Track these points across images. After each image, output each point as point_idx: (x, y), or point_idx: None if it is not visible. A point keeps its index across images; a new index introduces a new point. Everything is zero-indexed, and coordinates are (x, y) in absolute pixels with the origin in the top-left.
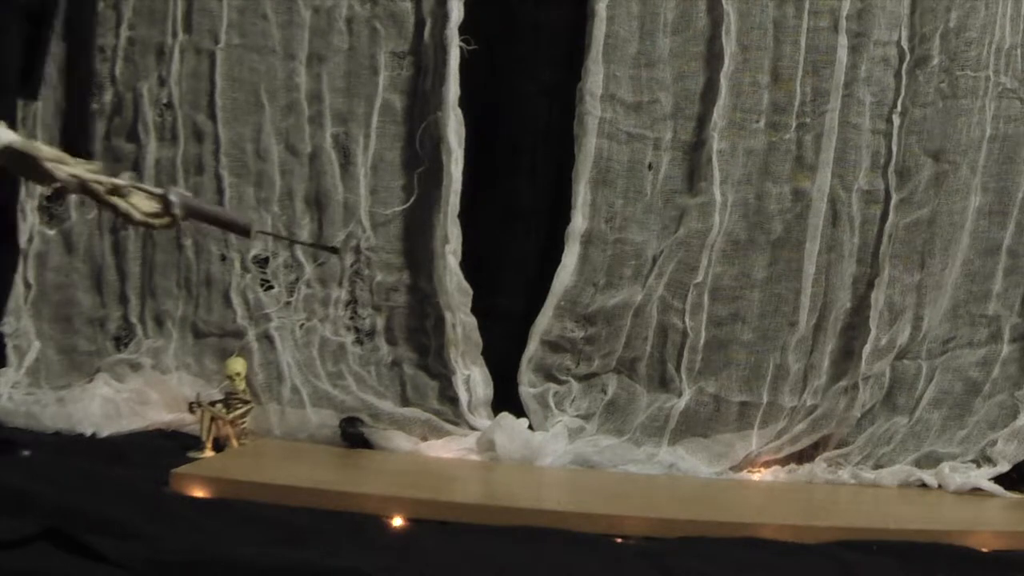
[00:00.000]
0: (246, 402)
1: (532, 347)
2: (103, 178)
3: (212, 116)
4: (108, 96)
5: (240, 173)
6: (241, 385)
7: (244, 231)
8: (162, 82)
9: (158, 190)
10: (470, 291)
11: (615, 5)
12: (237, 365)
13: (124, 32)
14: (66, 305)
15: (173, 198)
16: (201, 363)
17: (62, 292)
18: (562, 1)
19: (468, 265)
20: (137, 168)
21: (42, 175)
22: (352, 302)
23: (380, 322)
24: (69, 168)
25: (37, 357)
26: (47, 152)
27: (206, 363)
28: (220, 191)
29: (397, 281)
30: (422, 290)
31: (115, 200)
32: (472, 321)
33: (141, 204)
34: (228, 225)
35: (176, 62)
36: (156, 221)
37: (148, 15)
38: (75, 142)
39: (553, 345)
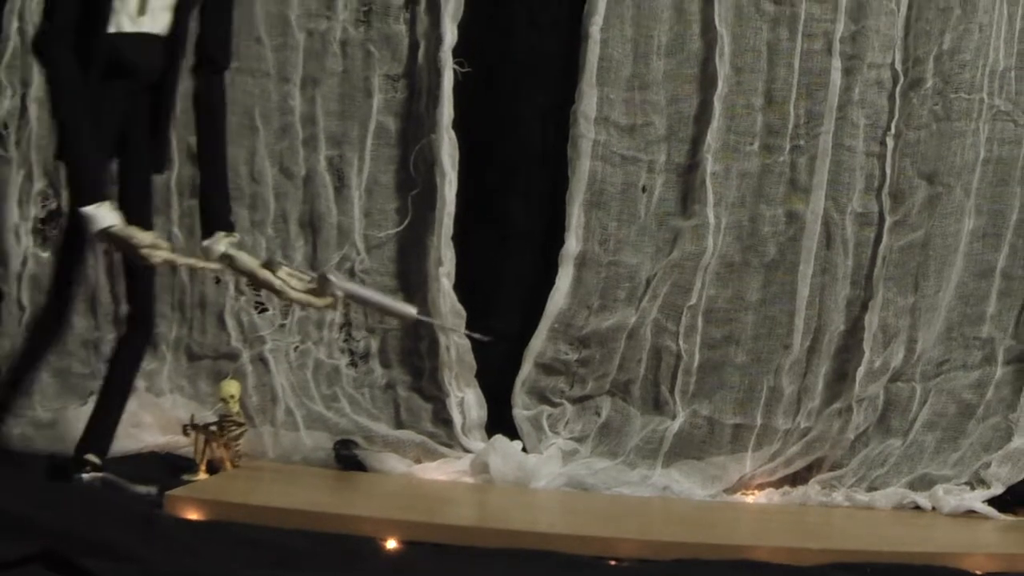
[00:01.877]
0: (240, 424)
1: (526, 369)
2: (188, 260)
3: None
4: None
5: (234, 196)
6: (235, 407)
7: (404, 317)
8: None
9: (311, 273)
10: (464, 313)
11: (609, 28)
12: (231, 388)
13: None
14: (59, 328)
15: (332, 278)
16: (195, 385)
17: (55, 313)
18: (556, 24)
19: (462, 287)
20: None
21: (140, 258)
22: (346, 325)
23: (374, 344)
24: (163, 254)
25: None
26: (142, 238)
27: (200, 385)
28: None
29: None
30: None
31: (267, 275)
32: (466, 343)
33: (292, 281)
34: (387, 310)
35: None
36: (317, 301)
37: None
38: None
39: (547, 367)
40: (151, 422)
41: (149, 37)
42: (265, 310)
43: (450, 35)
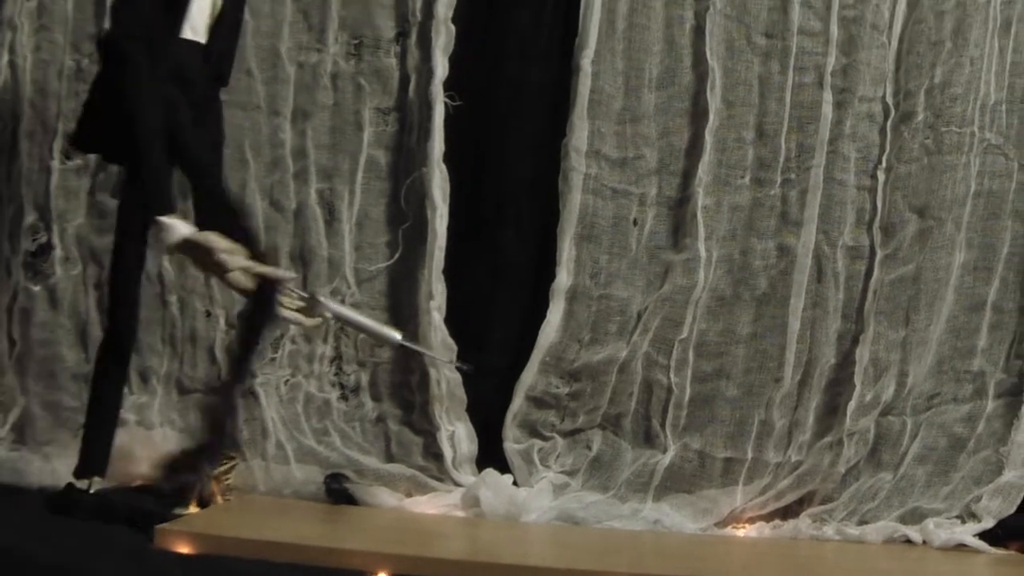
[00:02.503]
0: (230, 458)
1: (517, 403)
2: (264, 268)
3: None
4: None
5: (226, 230)
6: None
7: (389, 341)
8: None
9: (304, 293)
10: (455, 347)
11: (600, 61)
12: None
13: None
14: (51, 361)
15: (321, 299)
16: (186, 419)
17: (47, 348)
18: (547, 57)
19: (454, 321)
20: None
21: (216, 265)
22: (337, 358)
23: (365, 378)
24: (240, 259)
25: (22, 413)
26: (221, 244)
27: (191, 419)
28: None
29: None
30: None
31: None
32: (456, 377)
33: (283, 300)
34: (373, 334)
35: None
36: (307, 321)
37: None
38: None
39: (538, 401)
40: (142, 455)
41: (200, 47)
42: None
43: (441, 68)
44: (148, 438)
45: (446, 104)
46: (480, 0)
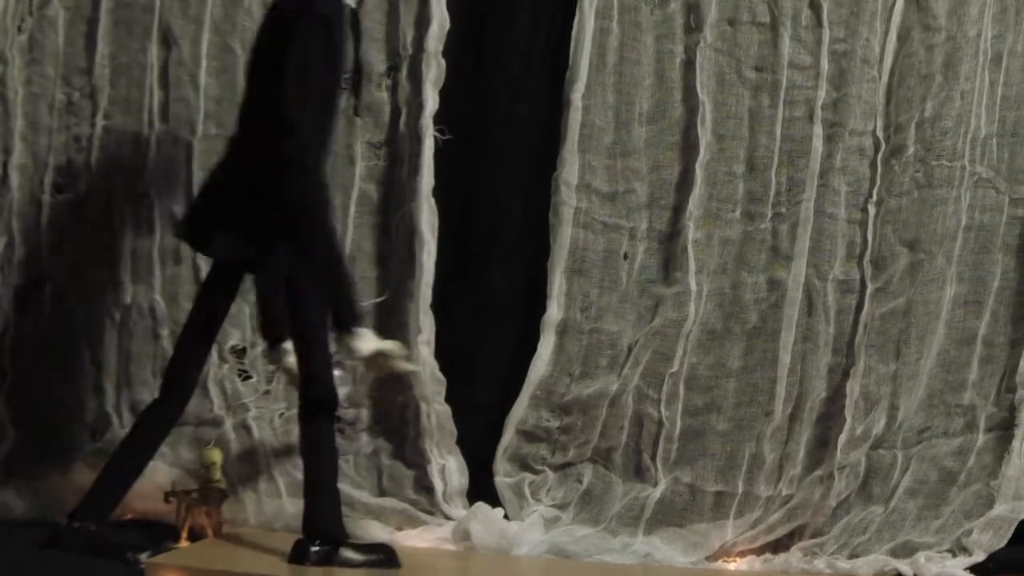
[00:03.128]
0: (222, 492)
1: (507, 437)
2: (411, 366)
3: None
4: (83, 186)
5: None
6: (217, 475)
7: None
8: (137, 172)
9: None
10: (444, 381)
11: (591, 95)
12: (213, 455)
13: (100, 122)
14: (44, 397)
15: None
16: (177, 452)
17: (38, 382)
18: (537, 91)
19: (444, 355)
20: (112, 258)
21: (389, 369)
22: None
23: (366, 413)
24: (409, 364)
25: (12, 446)
26: (401, 351)
27: (182, 452)
28: (197, 280)
29: None
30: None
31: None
32: (446, 410)
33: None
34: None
35: (153, 152)
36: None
37: (124, 105)
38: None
39: (529, 435)
40: (133, 489)
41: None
42: (248, 377)
43: (431, 102)
44: None
45: (436, 138)
46: (470, 34)
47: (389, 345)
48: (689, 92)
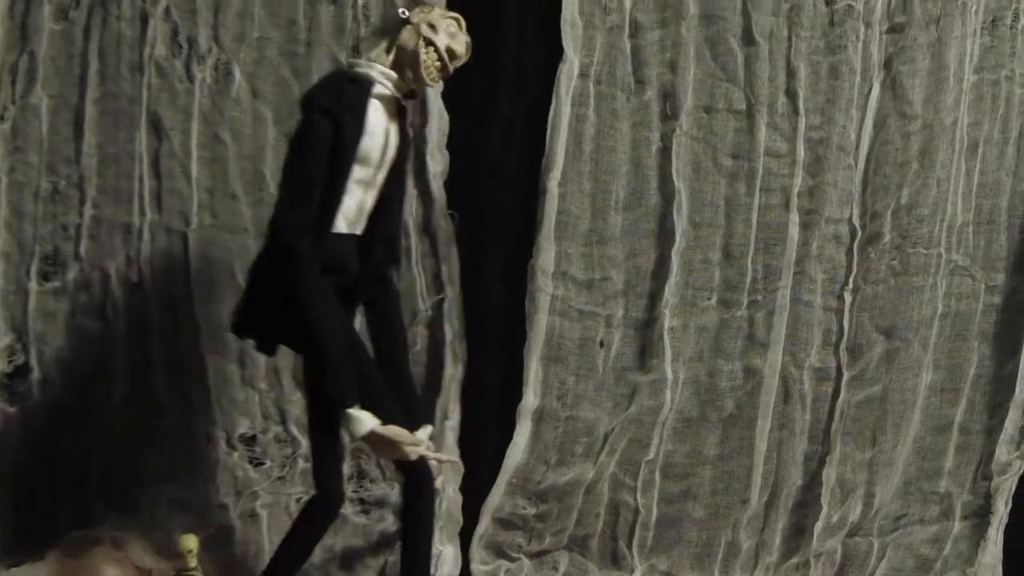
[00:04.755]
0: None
1: (484, 524)
2: (439, 456)
3: (187, 296)
4: (72, 274)
5: (221, 352)
6: (192, 562)
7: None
8: (130, 262)
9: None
10: (462, 469)
11: (567, 182)
12: (189, 542)
13: (88, 211)
14: (25, 483)
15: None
16: (170, 537)
17: (20, 470)
18: (517, 177)
19: None
20: (108, 346)
21: (399, 455)
22: (357, 475)
23: (392, 492)
24: (420, 449)
25: None
26: (406, 436)
27: (175, 537)
28: (202, 369)
29: None
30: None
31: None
32: (458, 499)
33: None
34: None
35: (146, 242)
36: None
37: (113, 194)
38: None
39: (505, 522)
40: (113, 574)
41: (353, 238)
42: (261, 464)
43: (441, 195)
44: (120, 559)
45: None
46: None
47: (392, 430)
48: (665, 180)
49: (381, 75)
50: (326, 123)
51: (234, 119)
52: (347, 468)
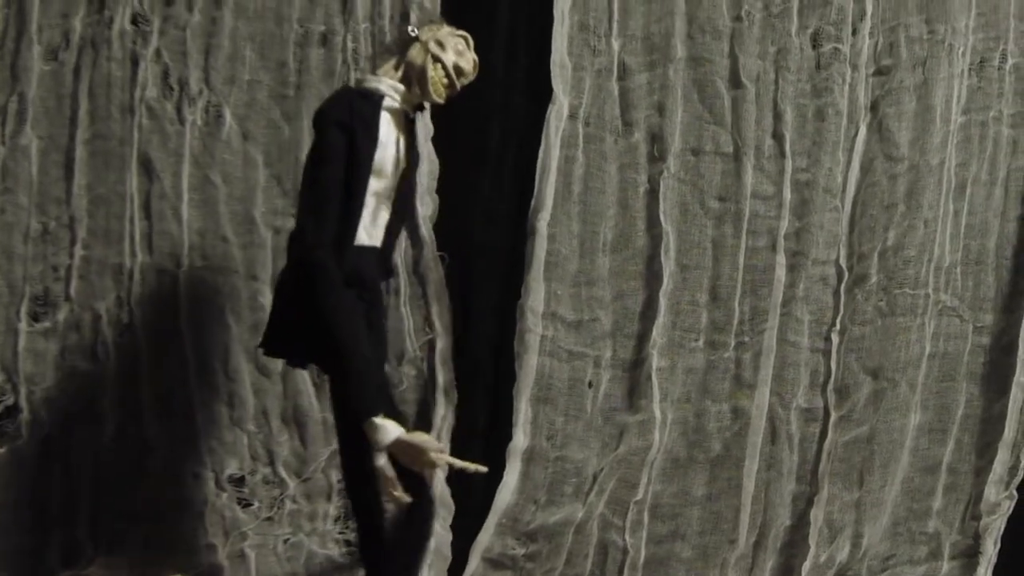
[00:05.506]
0: None
1: (473, 564)
2: (464, 464)
3: (177, 337)
4: (62, 315)
5: (210, 393)
6: None
7: None
8: (121, 303)
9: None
10: (452, 507)
11: (556, 224)
12: None
13: (79, 252)
14: (13, 523)
15: None
16: None
17: (9, 511)
18: (506, 219)
19: None
20: (98, 387)
21: (426, 463)
22: (344, 517)
23: None
24: (445, 456)
25: None
26: (432, 443)
27: None
28: (191, 410)
29: None
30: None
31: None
32: (447, 536)
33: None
34: None
35: (137, 283)
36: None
37: (104, 236)
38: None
39: (494, 562)
40: None
41: (373, 250)
42: (249, 504)
43: (431, 239)
44: None
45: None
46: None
47: (418, 437)
48: (653, 221)
49: (390, 88)
50: (341, 136)
51: (225, 161)
52: (334, 509)
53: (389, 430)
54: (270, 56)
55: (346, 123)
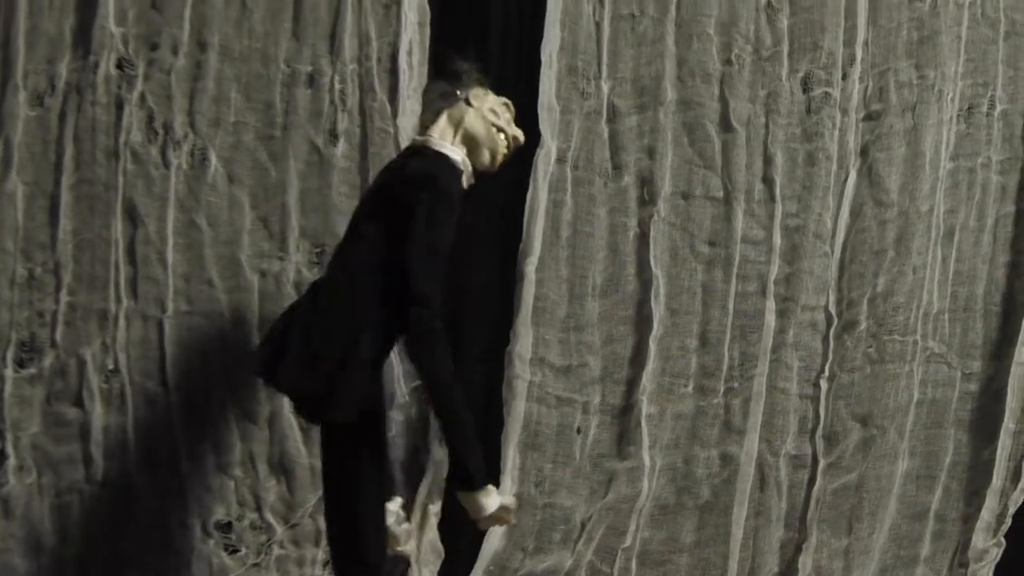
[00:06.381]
0: None
1: None
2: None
3: (163, 383)
4: (48, 361)
5: (196, 438)
6: None
7: None
8: (106, 348)
9: None
10: (442, 553)
11: (544, 268)
12: None
13: (64, 297)
14: (2, 571)
15: None
16: None
17: None
18: (495, 263)
19: None
20: (84, 433)
21: (505, 521)
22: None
23: None
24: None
25: None
26: (513, 504)
27: None
28: (175, 457)
29: None
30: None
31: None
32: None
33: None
34: None
35: (122, 329)
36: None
37: (89, 281)
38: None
39: None
40: None
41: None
42: (236, 551)
43: None
44: None
45: None
46: None
47: (508, 499)
48: (642, 266)
49: (463, 164)
50: (454, 205)
51: (210, 204)
52: (322, 554)
53: (495, 495)
54: (256, 97)
55: (455, 194)
